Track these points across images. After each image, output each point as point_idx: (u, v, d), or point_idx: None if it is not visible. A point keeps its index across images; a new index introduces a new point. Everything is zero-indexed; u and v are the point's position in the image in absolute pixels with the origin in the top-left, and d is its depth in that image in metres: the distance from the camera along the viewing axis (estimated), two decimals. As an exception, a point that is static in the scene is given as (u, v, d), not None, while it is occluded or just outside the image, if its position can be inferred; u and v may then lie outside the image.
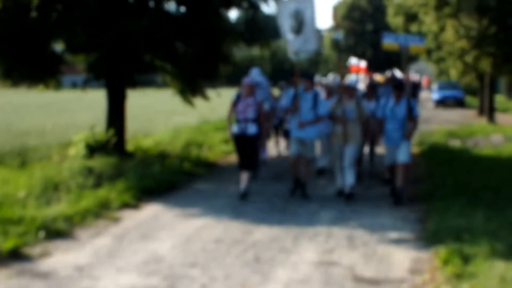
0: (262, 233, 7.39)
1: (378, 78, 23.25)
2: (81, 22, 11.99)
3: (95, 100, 32.40)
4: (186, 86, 13.43)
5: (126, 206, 8.69)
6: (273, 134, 13.92)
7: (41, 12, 11.88)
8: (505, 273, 5.34)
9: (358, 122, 9.36)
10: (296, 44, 9.65)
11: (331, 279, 5.75)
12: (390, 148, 9.28)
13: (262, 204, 9.06)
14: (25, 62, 11.88)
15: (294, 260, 6.34)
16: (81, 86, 14.25)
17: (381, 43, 10.39)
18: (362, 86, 15.55)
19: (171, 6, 13.39)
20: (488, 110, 24.43)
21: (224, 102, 9.12)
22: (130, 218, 8.15)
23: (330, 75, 18.80)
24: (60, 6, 12.26)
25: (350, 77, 25.16)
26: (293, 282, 5.68)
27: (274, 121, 12.88)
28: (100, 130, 13.04)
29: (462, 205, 7.97)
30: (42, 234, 6.99)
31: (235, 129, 9.36)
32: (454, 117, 26.65)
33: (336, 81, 12.25)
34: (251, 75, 11.31)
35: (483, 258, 5.81)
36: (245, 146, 9.34)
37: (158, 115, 25.04)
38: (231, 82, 26.97)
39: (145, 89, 14.60)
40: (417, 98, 33.23)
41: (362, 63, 21.71)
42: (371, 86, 11.73)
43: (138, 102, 25.64)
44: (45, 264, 6.19)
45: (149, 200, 9.20)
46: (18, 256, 6.35)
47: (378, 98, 10.91)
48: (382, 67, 49.37)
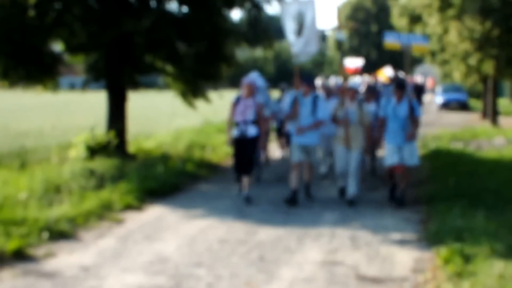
0: (266, 233, 7.61)
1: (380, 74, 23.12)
2: (81, 21, 12.17)
3: (94, 101, 32.48)
4: (188, 87, 13.55)
5: (129, 207, 8.87)
6: (275, 137, 13.93)
7: (38, 10, 11.94)
8: (504, 271, 5.60)
9: (360, 124, 9.34)
10: (297, 46, 9.65)
11: (335, 278, 5.98)
12: (391, 148, 9.24)
13: (266, 205, 9.27)
14: (22, 62, 11.93)
15: (299, 259, 6.56)
16: (80, 87, 14.40)
17: (381, 43, 10.31)
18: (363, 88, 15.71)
19: (173, 6, 13.53)
20: (491, 113, 24.58)
21: (226, 104, 9.25)
22: (134, 220, 8.33)
23: (332, 78, 18.77)
24: (58, 5, 12.36)
25: (354, 79, 25.23)
26: (297, 280, 5.90)
27: (275, 123, 12.78)
28: (100, 131, 13.18)
29: (464, 206, 8.21)
30: (46, 235, 7.12)
31: (235, 132, 9.37)
32: (457, 120, 26.76)
33: (338, 83, 12.27)
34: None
35: (483, 258, 6.06)
36: (244, 149, 9.34)
37: (160, 117, 25.16)
38: (234, 84, 27.11)
39: (146, 90, 14.68)
40: (421, 100, 33.36)
41: (357, 62, 21.40)
42: (369, 88, 11.76)
43: (139, 103, 25.83)
44: (50, 264, 6.33)
45: (152, 201, 9.39)
46: (22, 256, 6.48)
47: (378, 99, 11.00)
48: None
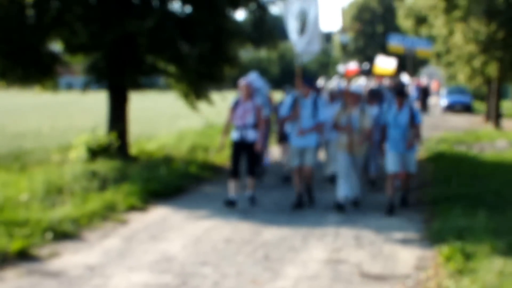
0: (271, 233, 7.87)
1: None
2: (82, 20, 12.38)
3: (92, 102, 32.74)
4: (191, 88, 13.71)
5: (133, 208, 9.11)
6: (276, 140, 13.83)
7: (37, 9, 12.16)
8: (503, 268, 5.87)
9: (364, 130, 9.17)
10: (299, 45, 9.61)
11: (339, 276, 6.24)
12: (393, 155, 9.18)
13: (270, 206, 9.51)
14: (20, 62, 12.11)
15: (303, 258, 6.82)
16: (77, 87, 14.59)
17: (386, 44, 10.34)
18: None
19: (176, 6, 13.71)
20: (494, 116, 24.80)
21: (229, 106, 9.43)
22: (138, 220, 8.57)
23: (334, 80, 18.81)
24: (57, 4, 12.62)
25: (359, 81, 25.35)
26: (302, 278, 6.16)
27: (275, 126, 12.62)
28: (100, 133, 13.38)
29: (465, 206, 8.49)
30: (50, 235, 7.35)
31: (235, 135, 9.32)
32: (461, 123, 26.97)
33: (339, 86, 12.19)
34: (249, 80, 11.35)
35: (484, 255, 6.34)
36: (244, 153, 9.31)
37: (161, 119, 25.38)
38: (237, 85, 27.26)
39: (147, 91, 14.86)
40: (426, 103, 33.57)
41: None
42: (372, 92, 11.66)
43: (140, 105, 26.03)
44: (54, 264, 6.56)
45: (156, 203, 9.63)
46: (26, 256, 6.70)
47: (382, 102, 10.95)
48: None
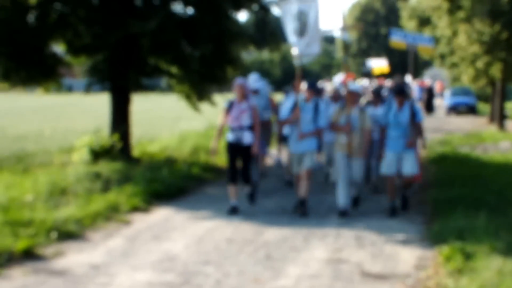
0: (273, 233, 8.11)
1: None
2: (85, 22, 12.66)
3: (93, 104, 33.09)
4: (193, 90, 13.94)
5: (136, 209, 9.37)
6: (276, 142, 13.93)
7: (40, 11, 12.47)
8: (502, 267, 6.09)
9: (362, 130, 9.16)
10: (299, 47, 9.52)
11: (340, 275, 6.47)
12: (391, 155, 9.11)
13: (272, 207, 9.74)
14: (23, 63, 12.39)
15: (305, 258, 7.05)
16: (79, 90, 14.87)
17: (389, 43, 10.43)
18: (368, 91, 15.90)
19: (179, 8, 13.93)
20: (498, 117, 24.96)
21: (223, 107, 9.51)
22: (141, 221, 8.83)
23: (337, 77, 18.88)
24: (59, 6, 12.93)
25: (362, 82, 25.57)
26: (304, 277, 6.39)
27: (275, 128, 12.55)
28: (102, 135, 13.59)
29: (467, 207, 8.67)
30: (54, 235, 7.60)
31: (230, 137, 9.23)
32: (464, 125, 27.12)
33: (340, 85, 11.98)
34: (249, 81, 11.12)
35: (483, 255, 6.55)
36: (240, 157, 9.20)
37: (163, 120, 25.63)
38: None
39: (148, 93, 15.04)
40: (432, 104, 33.78)
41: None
42: (376, 92, 11.64)
43: (142, 106, 26.30)
44: (59, 263, 6.80)
45: (159, 203, 9.88)
46: (31, 256, 6.94)
47: (385, 103, 10.84)
48: (396, 72, 49.76)
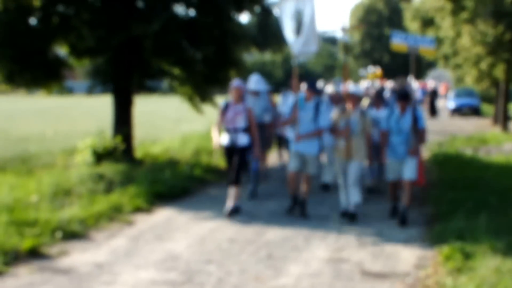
0: (274, 233, 8.27)
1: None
2: (89, 25, 12.85)
3: (94, 106, 33.30)
4: (196, 92, 14.12)
5: (139, 210, 9.54)
6: (275, 144, 13.99)
7: (43, 14, 12.68)
8: (501, 266, 6.25)
9: (363, 135, 9.04)
10: (296, 46, 9.41)
11: (341, 273, 6.63)
12: (393, 162, 9.01)
13: (274, 207, 9.89)
14: (27, 66, 12.57)
15: (306, 257, 7.21)
16: (80, 92, 15.04)
17: (390, 43, 10.36)
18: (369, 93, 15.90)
19: (181, 10, 14.07)
20: (502, 119, 25.07)
21: (219, 109, 9.60)
22: (144, 221, 8.99)
23: (335, 80, 18.85)
24: (62, 8, 13.12)
25: (363, 84, 25.74)
26: (304, 275, 6.55)
27: (276, 130, 12.53)
28: (105, 136, 13.78)
29: (468, 208, 8.84)
30: (59, 234, 7.78)
31: (225, 140, 9.21)
32: (468, 126, 27.25)
33: (339, 87, 11.89)
34: (250, 82, 11.12)
35: (483, 255, 6.70)
36: (235, 158, 9.18)
37: (165, 122, 25.83)
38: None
39: (149, 95, 15.18)
40: (435, 106, 33.96)
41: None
42: (378, 94, 11.45)
43: (144, 108, 26.50)
44: (64, 261, 6.98)
45: (161, 204, 10.05)
46: (37, 255, 7.13)
47: (387, 105, 11.00)
48: (399, 74, 49.85)
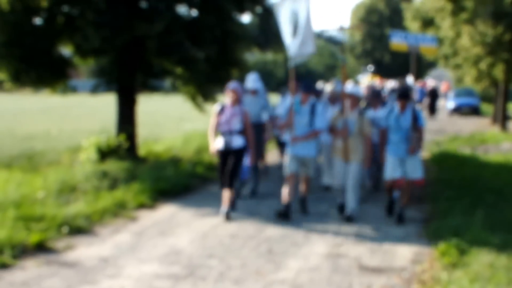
0: (275, 230, 8.47)
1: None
2: (93, 25, 13.04)
3: (97, 105, 33.40)
4: (199, 91, 14.29)
5: (142, 206, 9.77)
6: (274, 145, 13.92)
7: (49, 15, 12.86)
8: (495, 261, 6.44)
9: (360, 135, 8.98)
10: (292, 48, 9.31)
11: (339, 268, 6.83)
12: (393, 160, 8.96)
13: (274, 204, 10.03)
14: (33, 65, 12.76)
15: (305, 252, 7.41)
16: (83, 90, 15.22)
17: (389, 43, 10.20)
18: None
19: (184, 11, 14.24)
20: (501, 118, 25.15)
21: (214, 111, 9.66)
22: (147, 217, 9.21)
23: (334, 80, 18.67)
24: (67, 9, 13.30)
25: (363, 83, 25.85)
26: (304, 270, 6.75)
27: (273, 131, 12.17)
28: (109, 135, 14.01)
29: (465, 205, 9.04)
30: (65, 229, 8.00)
31: (220, 143, 9.14)
32: (467, 126, 27.37)
33: (338, 87, 11.75)
34: (248, 81, 10.96)
35: (478, 251, 6.89)
36: (229, 160, 9.11)
37: (168, 121, 26.05)
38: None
39: (152, 94, 15.26)
40: (435, 106, 34.14)
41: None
42: (374, 93, 11.30)
43: (146, 108, 26.66)
44: (70, 255, 7.19)
45: (164, 201, 10.27)
46: (43, 249, 7.35)
47: (385, 104, 11.02)
48: (400, 74, 50.01)
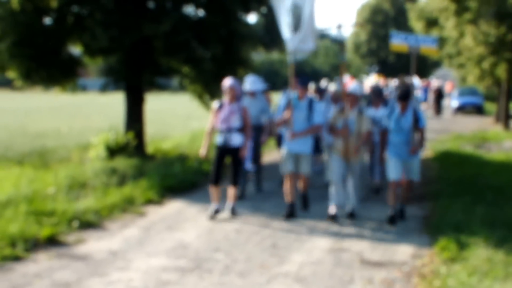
0: (279, 225, 8.65)
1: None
2: (102, 25, 13.24)
3: (106, 103, 33.75)
4: (206, 90, 14.51)
5: (150, 202, 9.97)
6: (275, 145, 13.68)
7: (59, 15, 13.09)
8: (493, 256, 6.58)
9: (360, 134, 8.85)
10: (292, 43, 9.00)
11: (341, 262, 7.00)
12: (395, 162, 8.83)
13: (279, 201, 10.19)
14: (43, 64, 13.01)
15: (308, 247, 7.58)
16: (92, 89, 15.42)
17: (389, 43, 9.84)
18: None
19: (190, 10, 14.43)
20: (503, 117, 25.23)
21: (213, 109, 9.72)
22: (155, 213, 9.41)
23: (336, 79, 18.62)
24: (77, 9, 13.51)
25: (368, 81, 25.85)
26: (307, 263, 6.91)
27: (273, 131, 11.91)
28: (118, 132, 14.19)
29: (466, 202, 9.17)
30: (76, 224, 8.22)
31: (218, 139, 9.06)
32: (470, 125, 27.39)
33: (338, 87, 11.56)
34: (246, 84, 10.69)
35: (477, 246, 7.03)
36: (228, 159, 9.05)
37: (175, 119, 26.27)
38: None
39: (159, 93, 15.33)
40: (440, 106, 34.21)
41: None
42: (376, 92, 11.04)
43: (154, 106, 26.90)
44: (81, 249, 7.40)
45: (172, 197, 10.47)
46: (55, 242, 7.56)
47: (387, 103, 10.98)
48: (404, 73, 49.96)
